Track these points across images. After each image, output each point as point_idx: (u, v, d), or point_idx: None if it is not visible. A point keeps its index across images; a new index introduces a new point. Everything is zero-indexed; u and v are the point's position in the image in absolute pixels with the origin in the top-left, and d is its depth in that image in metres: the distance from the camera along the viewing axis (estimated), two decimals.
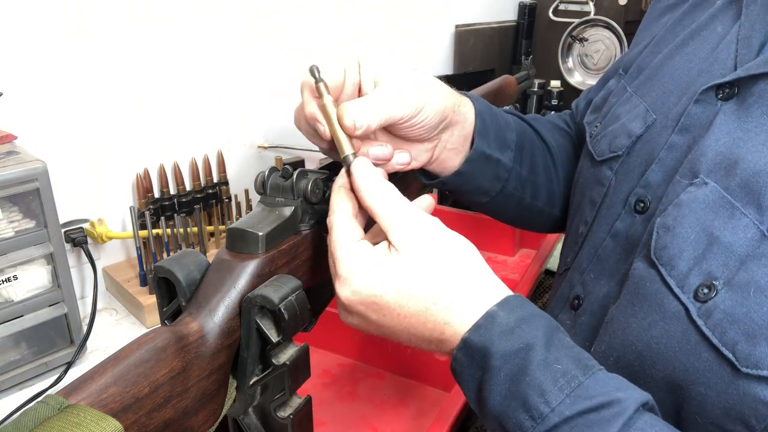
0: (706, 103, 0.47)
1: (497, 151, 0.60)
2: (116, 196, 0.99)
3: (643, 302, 0.44)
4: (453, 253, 0.42)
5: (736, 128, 0.44)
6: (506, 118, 0.64)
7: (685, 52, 0.54)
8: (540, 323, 0.40)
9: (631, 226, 0.51)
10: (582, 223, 0.58)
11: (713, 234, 0.41)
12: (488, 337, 0.39)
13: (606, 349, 0.47)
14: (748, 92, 0.44)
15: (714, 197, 0.42)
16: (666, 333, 0.42)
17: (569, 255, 0.60)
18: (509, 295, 0.42)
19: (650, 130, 0.52)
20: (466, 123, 0.58)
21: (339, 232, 0.43)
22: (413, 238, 0.41)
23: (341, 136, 0.47)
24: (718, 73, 0.48)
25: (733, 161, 0.42)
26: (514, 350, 0.38)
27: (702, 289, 0.40)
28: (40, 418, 0.30)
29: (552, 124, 0.73)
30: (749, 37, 0.47)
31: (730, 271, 0.40)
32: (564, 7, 1.70)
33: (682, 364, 0.41)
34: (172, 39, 0.99)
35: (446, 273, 0.41)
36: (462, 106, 0.57)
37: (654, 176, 0.50)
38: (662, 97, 0.53)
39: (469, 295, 0.41)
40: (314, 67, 0.47)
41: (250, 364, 0.42)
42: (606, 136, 0.58)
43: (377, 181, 0.44)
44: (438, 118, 0.53)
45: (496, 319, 0.39)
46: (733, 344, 0.38)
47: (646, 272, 0.45)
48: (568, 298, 0.57)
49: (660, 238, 0.44)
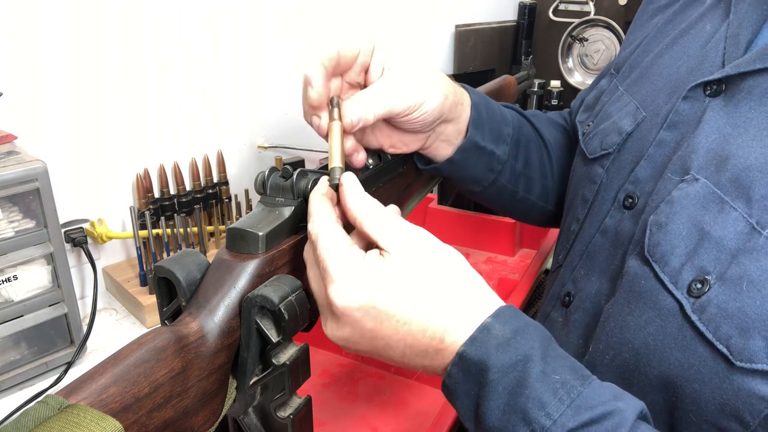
0: (694, 100, 0.48)
1: (491, 143, 0.61)
2: (116, 196, 0.99)
3: (639, 300, 0.44)
4: (446, 260, 0.41)
5: (726, 124, 0.44)
6: (503, 112, 0.65)
7: (675, 51, 0.54)
8: (535, 334, 0.39)
9: (620, 222, 0.51)
10: (574, 221, 0.59)
11: (704, 229, 0.41)
12: (485, 350, 0.38)
13: (603, 348, 0.47)
14: (736, 89, 0.45)
15: (704, 192, 0.42)
16: (662, 330, 0.42)
17: (561, 252, 0.61)
18: (502, 306, 0.41)
19: (640, 127, 0.53)
20: (461, 119, 0.59)
21: (329, 236, 0.41)
22: (406, 244, 0.40)
23: (336, 150, 0.47)
24: (707, 71, 0.49)
25: (723, 157, 0.43)
26: (512, 363, 0.37)
27: (695, 284, 0.40)
28: (40, 418, 0.30)
29: (549, 120, 0.74)
30: (737, 35, 0.48)
31: (722, 265, 0.40)
32: (564, 7, 1.70)
33: (677, 360, 0.41)
34: (172, 39, 0.99)
35: (443, 279, 0.40)
36: (460, 104, 0.57)
37: (642, 172, 0.50)
38: (652, 95, 0.54)
39: (465, 304, 0.40)
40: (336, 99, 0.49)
41: (250, 364, 0.42)
42: (598, 134, 0.58)
43: (365, 194, 0.43)
44: (435, 115, 0.54)
45: (491, 331, 0.39)
46: (727, 338, 0.38)
47: (640, 270, 0.45)
48: (560, 296, 0.57)
49: (653, 235, 0.44)
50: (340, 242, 0.41)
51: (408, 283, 0.39)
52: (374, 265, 0.40)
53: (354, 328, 0.40)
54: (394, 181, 0.60)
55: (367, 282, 0.39)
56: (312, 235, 0.42)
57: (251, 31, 1.11)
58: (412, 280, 0.40)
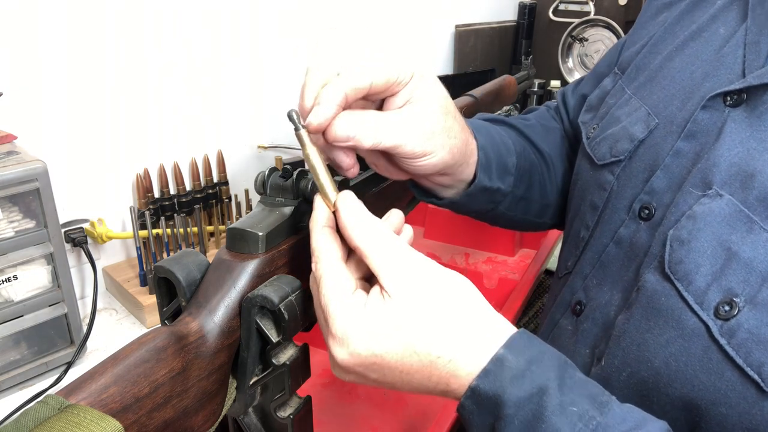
0: (714, 110, 0.46)
1: (498, 180, 0.59)
2: (116, 196, 0.99)
3: (659, 317, 0.43)
4: (451, 295, 0.39)
5: (749, 137, 0.43)
6: (506, 142, 0.61)
7: (686, 54, 0.53)
8: (551, 362, 0.37)
9: (636, 233, 0.50)
10: (583, 227, 0.57)
11: (731, 249, 0.40)
12: (499, 383, 0.36)
13: (620, 365, 0.46)
14: (759, 100, 0.43)
15: (730, 210, 0.41)
16: (685, 351, 0.41)
17: (570, 259, 0.59)
18: (514, 334, 0.39)
19: (653, 134, 0.51)
20: (464, 173, 0.55)
21: (331, 284, 0.39)
22: (408, 284, 0.38)
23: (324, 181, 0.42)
24: (725, 78, 0.47)
25: (749, 173, 0.41)
26: (528, 396, 0.36)
27: (723, 306, 0.39)
28: (40, 418, 0.30)
29: (545, 128, 0.72)
30: (757, 42, 0.46)
31: (752, 288, 0.38)
32: (564, 7, 1.70)
33: (702, 383, 0.40)
34: (172, 39, 0.99)
35: (447, 319, 0.38)
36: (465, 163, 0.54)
37: (659, 183, 0.49)
38: (664, 101, 0.52)
39: (474, 341, 0.38)
40: (293, 112, 0.41)
41: (250, 364, 0.42)
42: (606, 139, 0.56)
43: (366, 218, 0.40)
44: (434, 171, 0.51)
45: (505, 363, 0.37)
46: (760, 365, 0.37)
47: (660, 286, 0.43)
48: (570, 304, 0.56)
49: (674, 251, 0.43)
50: (341, 291, 0.39)
51: (408, 334, 0.38)
52: (376, 314, 0.38)
53: (358, 376, 0.40)
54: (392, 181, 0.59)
55: (368, 337, 0.38)
56: (316, 278, 0.40)
57: (251, 31, 1.11)
58: (415, 327, 0.38)
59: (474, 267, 1.19)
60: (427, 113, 0.46)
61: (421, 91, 0.46)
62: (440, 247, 1.27)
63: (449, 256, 1.24)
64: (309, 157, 0.41)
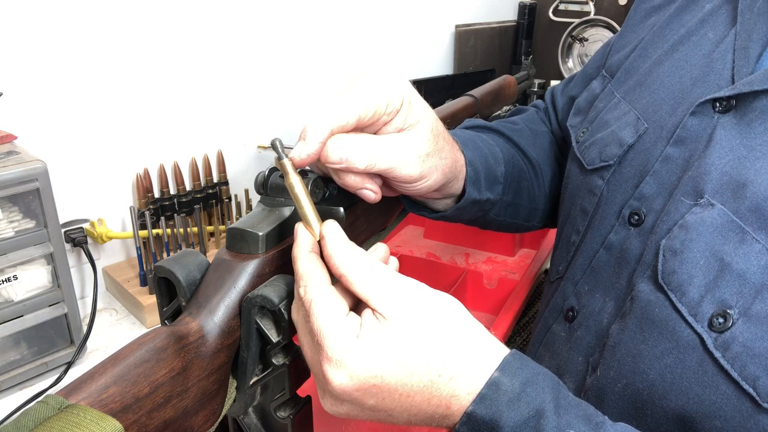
0: (703, 116, 0.45)
1: (487, 191, 0.59)
2: (116, 196, 0.99)
3: (653, 328, 0.43)
4: (445, 315, 0.38)
5: (739, 145, 0.42)
6: (494, 151, 0.61)
7: (676, 59, 0.52)
8: (545, 384, 0.37)
9: (626, 239, 0.49)
10: (573, 232, 0.57)
11: (724, 260, 0.39)
12: (496, 408, 0.36)
13: (615, 376, 0.46)
14: (748, 107, 0.43)
15: (722, 220, 0.40)
16: (680, 363, 0.41)
17: (561, 263, 0.59)
18: (507, 356, 0.38)
19: (642, 139, 0.51)
20: (453, 188, 0.55)
21: (324, 307, 0.37)
22: (400, 306, 0.37)
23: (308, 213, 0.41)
24: (714, 84, 0.47)
25: (740, 183, 0.41)
26: (525, 419, 0.35)
27: (717, 319, 0.39)
28: (40, 418, 0.30)
29: (534, 133, 0.71)
30: (746, 48, 0.46)
31: (746, 300, 0.38)
32: (564, 7, 1.71)
33: (697, 396, 0.40)
34: (172, 39, 0.99)
35: (445, 339, 0.37)
36: (455, 179, 0.54)
37: (648, 189, 0.49)
38: (653, 106, 0.52)
39: (471, 360, 0.37)
40: (277, 141, 0.41)
41: (250, 364, 0.42)
42: (595, 143, 0.56)
43: (350, 247, 0.39)
44: (425, 192, 0.51)
45: (500, 387, 0.36)
46: (755, 379, 0.37)
47: (653, 296, 0.43)
48: (562, 309, 0.56)
49: (667, 262, 0.42)
50: (335, 314, 0.37)
51: (408, 353, 0.37)
52: (372, 337, 0.37)
53: (354, 405, 0.38)
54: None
55: (367, 357, 0.36)
56: (305, 303, 0.38)
57: (251, 31, 1.11)
58: (412, 350, 0.37)
59: (474, 267, 1.18)
60: (420, 137, 0.47)
61: (414, 116, 0.46)
62: (440, 247, 1.27)
63: (449, 256, 1.24)
64: (292, 187, 0.41)
